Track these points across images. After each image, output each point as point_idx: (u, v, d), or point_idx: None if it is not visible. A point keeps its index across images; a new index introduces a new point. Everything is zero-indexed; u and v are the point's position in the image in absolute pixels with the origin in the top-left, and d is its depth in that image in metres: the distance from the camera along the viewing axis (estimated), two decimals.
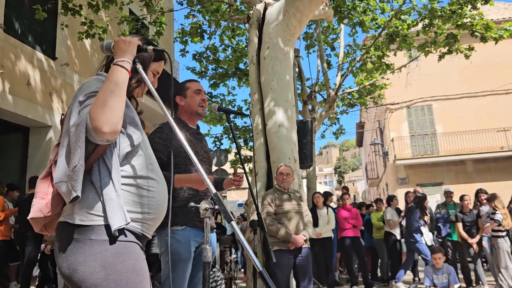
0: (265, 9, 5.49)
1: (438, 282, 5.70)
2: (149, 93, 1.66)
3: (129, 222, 1.41)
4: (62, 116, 1.55)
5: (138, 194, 1.49)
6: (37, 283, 7.02)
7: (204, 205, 1.59)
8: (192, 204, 1.84)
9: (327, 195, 7.90)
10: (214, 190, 1.54)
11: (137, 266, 1.42)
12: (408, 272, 7.72)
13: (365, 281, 7.02)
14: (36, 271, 6.97)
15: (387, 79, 12.57)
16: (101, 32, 7.29)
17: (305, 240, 4.22)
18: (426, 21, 9.23)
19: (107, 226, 1.38)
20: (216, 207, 1.54)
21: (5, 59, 7.05)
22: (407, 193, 7.86)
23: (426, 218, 7.15)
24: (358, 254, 7.37)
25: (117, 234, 1.39)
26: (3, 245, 6.11)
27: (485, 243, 6.74)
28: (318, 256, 6.91)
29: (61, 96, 8.37)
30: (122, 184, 1.44)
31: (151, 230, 1.57)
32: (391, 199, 7.76)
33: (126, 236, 1.43)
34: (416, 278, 7.50)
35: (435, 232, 7.69)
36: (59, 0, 7.17)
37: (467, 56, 9.45)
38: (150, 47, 1.70)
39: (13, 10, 7.48)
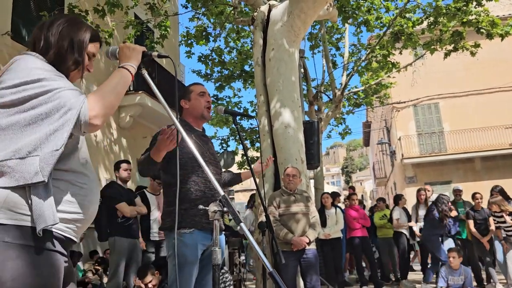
0: (269, 10, 5.50)
1: (453, 284, 5.58)
2: (154, 95, 1.66)
3: (57, 223, 1.26)
4: None
5: (69, 191, 1.34)
6: None
7: (213, 207, 1.60)
8: (201, 206, 1.85)
9: (334, 195, 7.88)
10: (222, 192, 1.55)
11: (48, 283, 1.25)
12: (415, 272, 7.72)
13: (374, 280, 7.00)
14: None
15: (393, 77, 12.53)
16: (107, 37, 7.35)
17: (309, 242, 4.22)
18: (431, 19, 9.19)
19: (31, 228, 1.23)
20: (225, 209, 1.55)
21: None
22: (419, 190, 7.77)
23: (453, 213, 6.93)
24: (367, 254, 7.34)
25: (41, 234, 1.22)
26: None
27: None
28: (327, 257, 6.90)
29: None
30: (53, 178, 1.29)
31: (79, 233, 1.43)
32: (399, 198, 7.72)
33: (51, 241, 1.28)
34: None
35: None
36: (65, 6, 7.23)
37: (473, 53, 9.40)
38: (155, 53, 1.72)
39: (20, 17, 7.56)
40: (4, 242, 1.19)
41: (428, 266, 6.92)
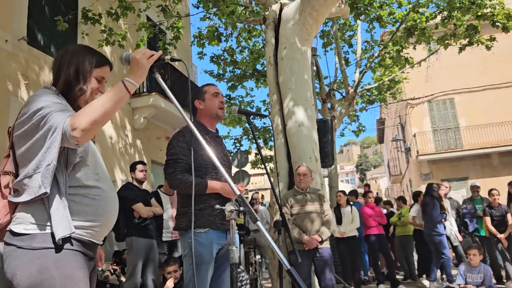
0: (280, 9, 5.49)
1: (471, 281, 5.51)
2: (168, 96, 1.69)
3: (73, 232, 1.49)
4: (10, 128, 1.63)
5: (83, 203, 1.56)
6: None
7: (229, 207, 1.61)
8: (217, 206, 1.87)
9: (352, 194, 7.87)
10: (238, 192, 1.56)
11: (72, 273, 1.47)
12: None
13: (391, 278, 6.94)
14: None
15: (407, 73, 12.40)
16: (120, 40, 7.42)
17: (322, 241, 4.22)
18: (445, 13, 9.07)
19: (51, 235, 1.46)
20: (241, 208, 1.56)
21: (30, 70, 7.25)
22: (438, 186, 7.75)
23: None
24: (383, 251, 7.28)
25: (61, 242, 1.46)
26: None
27: None
28: (343, 255, 6.87)
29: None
30: (70, 194, 1.53)
31: (100, 236, 1.64)
32: (417, 195, 7.58)
33: (72, 244, 1.50)
34: (444, 276, 7.37)
35: (462, 228, 7.56)
36: (79, 10, 7.33)
37: (488, 47, 9.24)
38: (168, 57, 1.75)
39: (36, 22, 7.68)
40: (32, 247, 1.45)
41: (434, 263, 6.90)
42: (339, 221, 6.90)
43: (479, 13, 8.49)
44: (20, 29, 7.16)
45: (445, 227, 6.81)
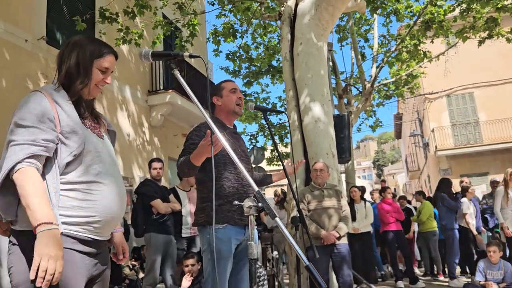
0: (296, 5, 5.47)
1: (491, 278, 5.42)
2: (186, 95, 1.71)
3: (57, 229, 1.43)
4: None
5: (79, 198, 1.53)
6: None
7: (248, 203, 1.62)
8: (236, 202, 1.87)
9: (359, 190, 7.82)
10: (256, 188, 1.57)
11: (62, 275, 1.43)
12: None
13: (410, 276, 6.88)
14: None
15: (425, 67, 12.21)
16: (137, 38, 7.50)
17: (339, 237, 4.20)
18: (464, 5, 8.89)
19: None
20: (260, 204, 1.57)
21: (49, 69, 7.38)
22: (461, 182, 7.70)
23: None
24: (401, 248, 7.21)
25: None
26: None
27: None
28: (355, 251, 6.83)
29: (102, 102, 8.67)
30: (62, 190, 1.51)
31: (102, 232, 1.60)
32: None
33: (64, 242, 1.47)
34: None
35: (482, 224, 7.44)
36: (97, 9, 7.43)
37: (509, 40, 9.03)
38: (186, 53, 1.77)
39: (54, 22, 7.81)
40: (25, 243, 1.46)
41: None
42: (353, 217, 6.87)
43: (499, 5, 8.29)
44: (40, 29, 7.30)
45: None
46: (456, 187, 7.61)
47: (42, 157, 1.50)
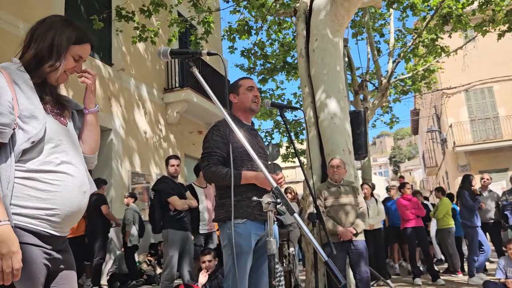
0: (311, 0, 5.44)
1: None
2: (201, 92, 1.71)
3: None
4: None
5: (38, 188, 1.40)
6: (107, 278, 7.46)
7: (266, 199, 1.63)
8: (255, 198, 1.89)
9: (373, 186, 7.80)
10: (275, 184, 1.58)
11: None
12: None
13: (430, 272, 6.79)
14: (104, 267, 7.41)
15: (443, 62, 12.03)
16: (152, 36, 7.56)
17: (356, 233, 4.19)
18: None
19: None
20: (278, 200, 1.58)
21: None
22: (482, 179, 7.63)
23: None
24: (421, 244, 7.09)
25: None
26: (77, 242, 6.53)
27: None
28: (369, 248, 6.81)
29: (119, 100, 8.77)
30: (18, 177, 1.36)
31: (61, 227, 1.46)
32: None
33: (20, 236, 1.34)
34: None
35: (502, 221, 7.33)
36: (113, 8, 7.51)
37: None
38: (204, 51, 1.77)
39: None
40: None
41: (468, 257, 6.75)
42: None
43: None
44: None
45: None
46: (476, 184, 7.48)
47: None
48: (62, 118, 1.58)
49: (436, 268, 7.39)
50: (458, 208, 7.86)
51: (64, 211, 1.44)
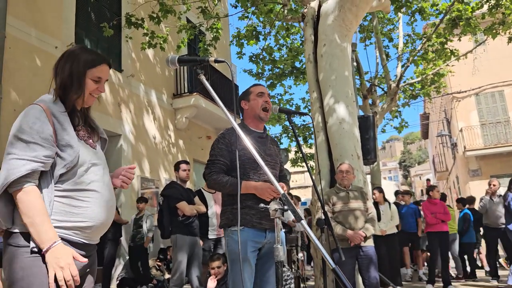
0: (319, 6, 5.45)
1: None
2: (210, 97, 1.73)
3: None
4: None
5: (72, 205, 1.61)
6: (117, 283, 7.49)
7: (273, 205, 1.63)
8: (262, 205, 1.89)
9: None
10: (282, 191, 1.58)
11: (30, 278, 1.51)
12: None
13: (444, 278, 6.67)
14: (113, 272, 7.44)
15: (452, 66, 11.95)
16: (161, 42, 7.63)
17: (365, 237, 4.15)
18: (492, 1, 8.66)
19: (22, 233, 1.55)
20: (285, 207, 1.58)
21: None
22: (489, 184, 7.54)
23: None
24: (441, 249, 6.89)
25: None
26: None
27: None
28: (379, 254, 6.71)
29: (129, 106, 8.84)
30: (56, 196, 1.58)
31: (92, 237, 1.68)
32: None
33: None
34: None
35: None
36: (123, 15, 7.60)
37: None
38: (212, 58, 1.79)
39: (82, 29, 8.02)
40: (18, 244, 1.54)
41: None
42: (377, 219, 6.77)
43: None
44: (69, 35, 7.51)
45: None
46: (483, 189, 7.38)
47: (39, 171, 1.57)
48: (91, 141, 1.78)
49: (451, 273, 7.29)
50: (471, 214, 7.79)
51: (94, 223, 1.65)
